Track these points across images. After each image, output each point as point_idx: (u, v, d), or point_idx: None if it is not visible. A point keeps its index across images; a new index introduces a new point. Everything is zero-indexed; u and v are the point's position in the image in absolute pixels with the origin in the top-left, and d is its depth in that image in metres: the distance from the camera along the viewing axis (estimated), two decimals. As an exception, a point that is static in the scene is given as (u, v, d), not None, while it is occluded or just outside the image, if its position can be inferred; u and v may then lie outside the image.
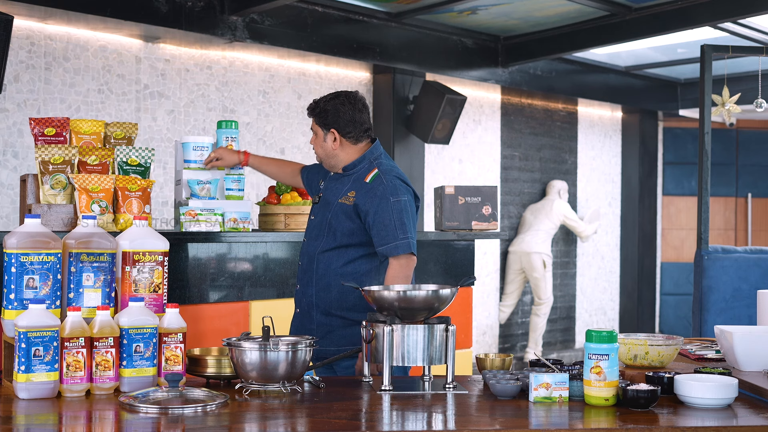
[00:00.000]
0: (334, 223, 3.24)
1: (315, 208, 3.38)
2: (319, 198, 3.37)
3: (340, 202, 3.26)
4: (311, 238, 3.32)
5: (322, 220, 3.29)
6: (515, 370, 2.80)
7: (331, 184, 3.36)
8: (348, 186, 3.29)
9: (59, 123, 3.52)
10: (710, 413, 2.36)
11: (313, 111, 3.39)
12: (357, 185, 3.26)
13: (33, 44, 5.43)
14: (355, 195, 3.23)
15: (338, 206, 3.26)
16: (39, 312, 2.47)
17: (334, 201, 3.28)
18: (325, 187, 3.37)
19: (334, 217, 3.25)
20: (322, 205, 3.34)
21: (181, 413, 2.30)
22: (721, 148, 9.77)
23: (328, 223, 3.26)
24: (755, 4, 6.04)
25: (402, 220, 3.16)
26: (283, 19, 6.02)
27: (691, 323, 5.37)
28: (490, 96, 8.23)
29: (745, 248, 5.12)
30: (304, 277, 3.30)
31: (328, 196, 3.33)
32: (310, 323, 3.27)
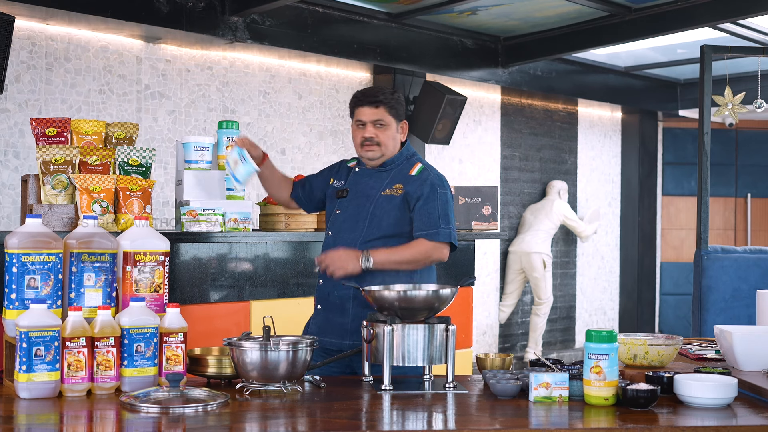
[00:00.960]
0: (378, 213, 3.24)
1: (342, 203, 3.33)
2: (346, 192, 3.34)
3: (384, 194, 3.27)
4: (343, 230, 3.28)
5: (359, 212, 3.28)
6: (515, 370, 2.81)
7: (362, 179, 3.34)
8: (389, 180, 3.30)
9: (60, 123, 3.52)
10: (710, 413, 2.37)
11: (389, 100, 3.28)
12: (402, 178, 3.28)
13: (34, 45, 5.44)
14: (402, 187, 3.26)
15: (383, 198, 3.26)
16: (40, 312, 2.48)
17: (375, 194, 3.28)
18: (354, 182, 3.34)
19: (378, 208, 3.25)
20: (355, 198, 3.31)
21: (182, 413, 2.31)
22: (721, 149, 9.77)
23: (370, 215, 3.26)
24: (755, 4, 6.04)
25: (446, 212, 3.25)
26: (284, 19, 6.03)
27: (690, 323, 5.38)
28: (490, 96, 8.24)
29: (745, 248, 5.13)
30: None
31: (364, 190, 3.31)
32: (342, 317, 3.23)
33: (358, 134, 3.29)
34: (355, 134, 3.31)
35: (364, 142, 3.27)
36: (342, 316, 3.23)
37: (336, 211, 3.33)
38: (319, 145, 6.88)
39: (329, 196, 3.40)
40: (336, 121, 7.00)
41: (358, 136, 3.29)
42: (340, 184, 3.38)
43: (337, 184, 3.39)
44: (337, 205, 3.34)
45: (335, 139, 6.99)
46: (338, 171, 3.43)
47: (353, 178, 3.36)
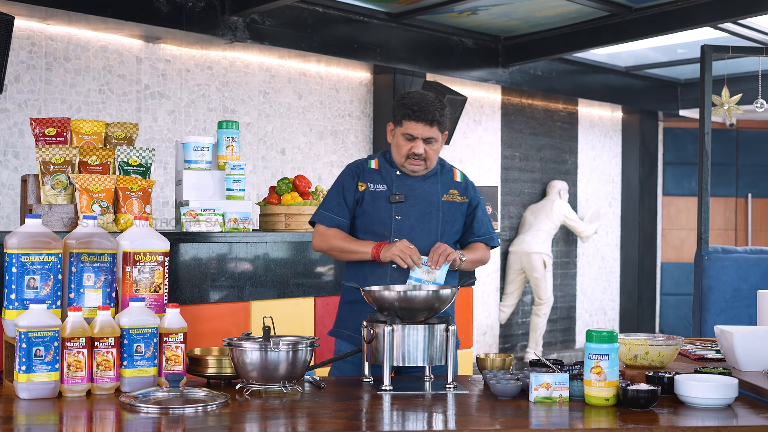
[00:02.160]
0: (448, 220, 3.28)
1: (402, 209, 3.26)
2: (402, 197, 3.26)
3: (445, 200, 3.29)
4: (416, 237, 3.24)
5: (428, 218, 3.26)
6: (515, 370, 2.80)
7: (415, 184, 3.29)
8: (440, 185, 3.31)
9: (60, 123, 3.52)
10: (710, 413, 2.36)
11: (443, 117, 3.24)
12: (452, 184, 3.34)
13: (34, 44, 5.44)
14: (458, 193, 3.32)
15: (446, 204, 3.28)
16: (40, 312, 2.47)
17: (437, 200, 3.28)
18: (408, 187, 3.28)
19: (445, 214, 3.28)
20: (417, 204, 3.27)
21: (181, 413, 2.30)
22: (722, 149, 9.77)
23: (441, 222, 3.27)
24: (755, 4, 6.04)
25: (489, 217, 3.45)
26: (284, 19, 6.02)
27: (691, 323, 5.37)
28: (490, 96, 8.23)
29: (745, 248, 5.12)
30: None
31: (424, 196, 3.28)
32: None
33: (405, 146, 3.23)
34: (401, 145, 3.24)
35: (411, 156, 3.23)
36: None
37: (396, 217, 3.24)
38: (319, 145, 6.87)
39: (369, 201, 3.27)
40: (336, 121, 6.99)
41: (404, 147, 3.23)
42: (382, 187, 3.27)
43: (376, 188, 3.28)
44: (394, 210, 3.25)
45: (335, 139, 6.99)
46: (363, 173, 3.31)
47: (402, 182, 3.30)
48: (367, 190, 3.27)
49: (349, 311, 3.24)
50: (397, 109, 3.25)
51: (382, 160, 3.35)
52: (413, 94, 3.28)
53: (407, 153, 3.22)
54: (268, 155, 6.55)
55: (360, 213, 3.27)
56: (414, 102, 3.20)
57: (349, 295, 3.25)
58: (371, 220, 3.25)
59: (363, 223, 3.26)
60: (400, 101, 3.25)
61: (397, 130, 3.24)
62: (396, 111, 3.25)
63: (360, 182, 3.29)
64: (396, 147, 3.26)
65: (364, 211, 3.26)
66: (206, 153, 3.84)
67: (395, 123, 3.26)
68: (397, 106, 3.25)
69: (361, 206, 3.27)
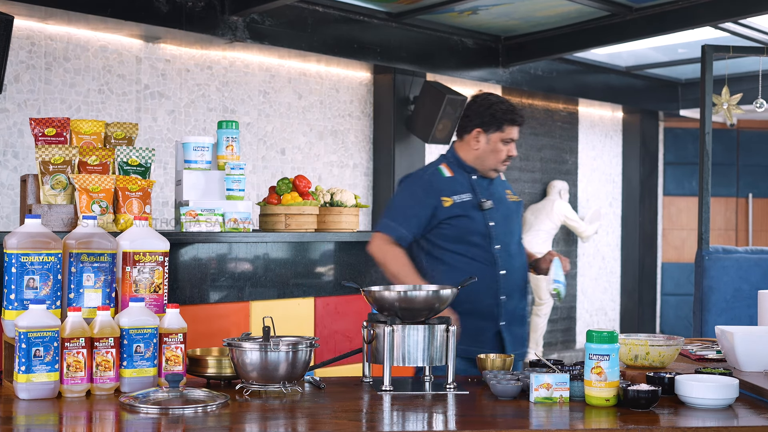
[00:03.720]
0: (519, 218, 3.42)
1: (492, 215, 3.30)
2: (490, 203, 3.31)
3: (511, 201, 3.39)
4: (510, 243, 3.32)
5: (511, 221, 3.34)
6: (516, 371, 2.80)
7: (489, 187, 3.38)
8: (501, 186, 3.42)
9: (60, 123, 3.51)
10: (711, 413, 2.36)
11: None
12: (504, 184, 3.47)
13: (33, 44, 5.43)
14: (511, 192, 3.45)
15: (515, 205, 3.39)
16: (39, 312, 2.47)
17: (507, 201, 3.38)
18: (487, 192, 3.34)
19: (517, 215, 3.39)
20: (500, 208, 3.32)
21: (181, 414, 2.30)
22: (722, 149, 9.76)
23: (518, 223, 3.38)
24: (756, 4, 6.03)
25: None
26: (284, 19, 6.02)
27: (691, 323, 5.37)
28: (490, 96, 8.22)
29: (746, 248, 5.12)
30: (521, 288, 3.37)
31: (500, 199, 3.36)
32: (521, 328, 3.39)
33: (503, 150, 3.33)
34: (500, 149, 3.33)
35: (506, 159, 3.35)
36: (521, 327, 3.39)
37: (490, 224, 3.29)
38: (319, 145, 6.87)
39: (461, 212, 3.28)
40: (336, 121, 6.99)
41: (502, 152, 3.33)
42: (467, 197, 3.31)
43: (462, 198, 3.30)
44: (487, 217, 3.30)
45: (335, 138, 6.99)
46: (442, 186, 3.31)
47: (482, 187, 3.35)
48: (455, 204, 3.29)
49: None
50: (496, 115, 3.31)
51: (453, 167, 3.38)
52: (501, 99, 3.38)
53: (505, 157, 3.34)
54: (268, 155, 6.55)
55: (452, 225, 3.28)
56: (512, 108, 3.34)
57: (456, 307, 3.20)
58: (467, 230, 3.28)
59: (459, 234, 3.28)
60: (498, 107, 3.32)
61: (495, 136, 3.32)
62: (494, 117, 3.31)
63: (444, 197, 3.29)
64: (494, 153, 3.33)
65: (458, 223, 3.27)
66: (206, 153, 3.84)
67: (493, 129, 3.32)
68: (497, 112, 3.31)
69: (455, 219, 3.28)
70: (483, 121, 3.33)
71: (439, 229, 3.29)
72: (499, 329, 3.31)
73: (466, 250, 3.28)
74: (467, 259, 3.28)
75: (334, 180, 6.95)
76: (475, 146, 3.35)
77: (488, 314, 3.30)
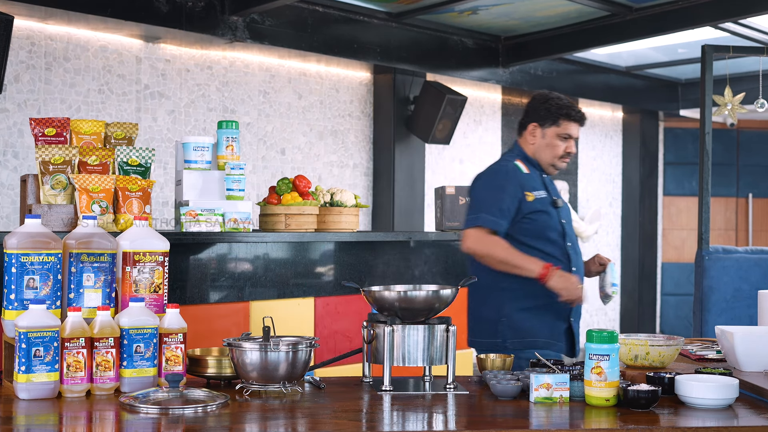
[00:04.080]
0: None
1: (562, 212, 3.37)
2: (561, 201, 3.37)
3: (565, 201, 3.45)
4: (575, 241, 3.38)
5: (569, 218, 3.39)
6: (516, 371, 2.80)
7: (551, 185, 3.44)
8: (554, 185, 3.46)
9: (59, 123, 3.51)
10: (711, 413, 2.36)
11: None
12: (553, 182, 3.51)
13: (33, 44, 5.43)
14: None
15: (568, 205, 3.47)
16: (39, 312, 2.47)
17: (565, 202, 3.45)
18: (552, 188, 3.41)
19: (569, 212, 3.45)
20: (565, 207, 3.39)
21: (181, 414, 2.30)
22: (722, 149, 9.76)
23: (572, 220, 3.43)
24: (756, 4, 6.03)
25: None
26: (284, 19, 6.02)
27: (691, 323, 5.37)
28: (490, 96, 8.23)
29: (746, 248, 5.12)
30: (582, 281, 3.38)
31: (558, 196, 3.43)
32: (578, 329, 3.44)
33: (560, 146, 3.37)
34: (556, 144, 3.36)
35: (564, 156, 3.38)
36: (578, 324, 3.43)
37: (562, 221, 3.36)
38: (319, 145, 6.87)
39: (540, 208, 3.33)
40: (336, 121, 6.99)
41: (560, 147, 3.37)
42: (543, 194, 3.36)
43: (541, 195, 3.35)
44: (560, 215, 3.37)
45: (335, 138, 6.99)
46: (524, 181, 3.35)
47: (550, 185, 3.41)
48: (536, 199, 3.34)
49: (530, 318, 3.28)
50: (551, 110, 3.35)
51: (525, 163, 3.41)
52: (560, 96, 3.42)
53: (563, 153, 3.37)
54: (268, 155, 6.55)
55: (533, 220, 3.32)
56: (569, 104, 3.37)
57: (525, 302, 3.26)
58: (545, 227, 3.33)
59: (538, 230, 3.32)
60: (554, 102, 3.36)
61: (551, 131, 3.35)
62: (549, 112, 3.35)
63: (526, 192, 3.34)
64: (549, 147, 3.36)
65: (537, 218, 3.32)
66: (206, 153, 3.84)
67: (549, 123, 3.35)
68: (552, 107, 3.35)
69: (535, 215, 3.32)
70: (539, 115, 3.38)
71: (520, 224, 3.32)
72: (569, 325, 3.38)
73: (544, 246, 3.33)
74: (544, 255, 3.32)
75: (334, 180, 6.95)
76: (531, 141, 3.40)
77: (562, 311, 3.36)
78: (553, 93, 3.43)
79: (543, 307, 3.28)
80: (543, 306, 3.27)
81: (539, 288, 3.21)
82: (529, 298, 3.30)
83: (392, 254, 4.26)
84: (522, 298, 3.31)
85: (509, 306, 3.33)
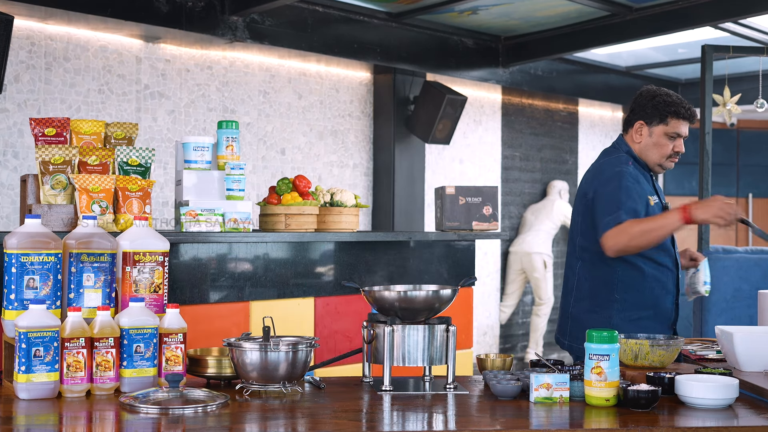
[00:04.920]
0: None
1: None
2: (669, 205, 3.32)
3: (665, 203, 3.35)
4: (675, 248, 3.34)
5: None
6: (516, 371, 2.80)
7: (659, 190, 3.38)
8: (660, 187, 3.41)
9: (59, 123, 3.51)
10: (711, 414, 2.36)
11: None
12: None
13: (33, 44, 5.43)
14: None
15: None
16: (39, 312, 2.47)
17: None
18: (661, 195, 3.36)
19: None
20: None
21: (181, 414, 2.30)
22: (722, 149, 9.76)
23: None
24: (756, 4, 6.03)
25: None
26: (284, 19, 6.02)
27: (691, 323, 5.37)
28: (490, 96, 8.23)
29: (746, 248, 5.12)
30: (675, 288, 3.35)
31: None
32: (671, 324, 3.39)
33: (668, 145, 3.24)
34: (664, 144, 3.23)
35: (672, 156, 3.26)
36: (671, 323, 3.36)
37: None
38: (319, 145, 6.87)
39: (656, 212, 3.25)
40: (336, 121, 6.99)
41: (667, 147, 3.24)
42: (656, 198, 3.28)
43: (656, 199, 3.27)
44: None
45: (335, 139, 6.99)
46: (642, 183, 3.26)
47: (658, 187, 3.35)
48: (656, 204, 3.25)
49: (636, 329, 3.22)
50: (659, 107, 3.23)
51: (635, 164, 3.29)
52: (668, 92, 3.28)
53: (671, 153, 3.24)
54: (268, 155, 6.55)
55: None
56: (678, 101, 3.23)
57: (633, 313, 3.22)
58: None
59: None
60: (661, 98, 3.24)
61: (659, 129, 3.23)
62: (656, 109, 3.23)
63: (649, 196, 3.24)
64: (657, 146, 3.24)
65: None
66: (206, 153, 3.84)
67: (656, 122, 3.23)
68: (659, 104, 3.23)
69: None
70: (645, 113, 3.26)
71: None
72: (674, 330, 3.36)
73: (656, 254, 3.23)
74: (655, 265, 3.25)
75: (334, 180, 6.95)
76: (637, 139, 3.28)
77: (668, 317, 3.32)
78: (661, 89, 3.29)
79: (651, 318, 3.23)
80: (651, 317, 3.23)
81: (649, 298, 3.18)
82: (637, 309, 3.23)
83: (392, 254, 4.26)
84: (630, 309, 3.24)
85: (618, 317, 3.24)
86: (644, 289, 3.24)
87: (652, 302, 3.24)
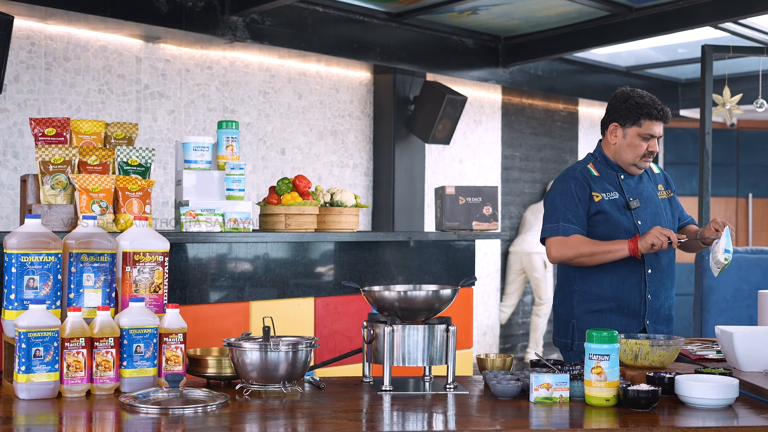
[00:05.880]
0: (671, 216, 3.40)
1: (639, 213, 3.32)
2: (636, 203, 3.31)
3: (661, 198, 3.39)
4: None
5: (659, 220, 3.33)
6: (516, 371, 2.80)
7: (638, 186, 3.37)
8: (652, 183, 3.41)
9: (60, 123, 3.51)
10: (711, 414, 2.36)
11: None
12: (656, 178, 3.44)
13: (33, 44, 5.43)
14: (663, 187, 3.44)
15: (665, 202, 3.40)
16: (39, 312, 2.47)
17: (657, 199, 3.38)
18: (635, 191, 3.34)
19: (667, 212, 3.39)
20: (647, 206, 3.33)
21: (181, 414, 2.30)
22: (722, 149, 9.76)
23: (669, 222, 3.37)
24: (756, 4, 6.03)
25: None
26: (284, 19, 6.02)
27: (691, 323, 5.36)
28: (490, 96, 8.23)
29: (746, 248, 5.12)
30: (667, 286, 3.42)
31: (649, 197, 3.36)
32: (668, 327, 3.43)
33: (641, 146, 3.28)
34: (637, 144, 3.28)
35: (646, 155, 3.30)
36: (667, 326, 3.43)
37: (638, 222, 3.30)
38: (319, 145, 6.87)
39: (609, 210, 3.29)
40: (336, 121, 6.99)
41: (641, 147, 3.28)
42: (615, 195, 3.30)
43: (610, 196, 3.30)
44: (634, 216, 3.30)
45: (335, 138, 6.99)
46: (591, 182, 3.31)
47: (629, 186, 3.35)
48: (603, 200, 3.29)
49: (597, 321, 3.27)
50: (631, 109, 3.27)
51: (598, 165, 3.36)
52: (641, 93, 3.31)
53: (644, 153, 3.29)
54: (268, 155, 6.55)
55: (601, 222, 3.29)
56: (651, 102, 3.27)
57: (593, 305, 3.27)
58: (615, 229, 3.28)
59: (606, 233, 3.28)
60: (634, 101, 3.27)
61: (632, 130, 3.28)
62: (629, 111, 3.27)
63: (594, 192, 3.30)
64: (630, 147, 3.29)
65: (607, 220, 3.28)
66: (206, 153, 3.84)
67: (629, 123, 3.28)
68: (632, 106, 3.27)
69: (602, 216, 3.29)
70: (619, 114, 3.31)
71: (589, 227, 3.30)
72: (644, 327, 3.36)
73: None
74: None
75: (334, 180, 6.95)
76: (612, 141, 3.34)
77: (635, 312, 3.33)
78: (634, 90, 3.33)
79: (612, 310, 3.27)
80: (613, 309, 3.27)
81: (608, 290, 3.22)
82: (597, 301, 3.30)
83: (392, 254, 4.26)
84: (591, 300, 3.31)
85: (579, 308, 3.35)
86: (602, 281, 3.31)
87: (612, 294, 3.30)
